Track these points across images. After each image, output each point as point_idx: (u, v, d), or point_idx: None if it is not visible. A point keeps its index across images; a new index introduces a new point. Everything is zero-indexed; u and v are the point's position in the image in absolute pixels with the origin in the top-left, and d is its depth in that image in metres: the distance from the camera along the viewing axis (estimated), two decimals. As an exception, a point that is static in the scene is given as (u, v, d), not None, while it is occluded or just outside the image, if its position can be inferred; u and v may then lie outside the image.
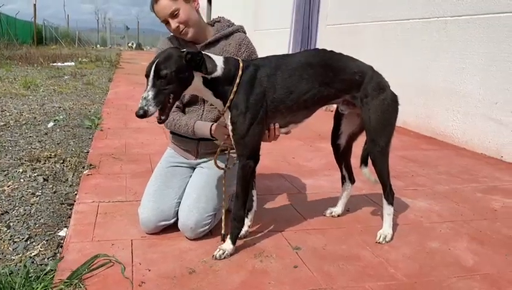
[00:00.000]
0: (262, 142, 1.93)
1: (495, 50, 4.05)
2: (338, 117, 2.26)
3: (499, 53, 4.01)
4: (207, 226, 2.05)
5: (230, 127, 1.85)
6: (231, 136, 1.87)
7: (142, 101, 1.61)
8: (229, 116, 1.84)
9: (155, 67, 1.64)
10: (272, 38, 9.37)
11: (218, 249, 1.90)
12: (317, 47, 7.39)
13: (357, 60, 2.08)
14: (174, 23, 2.04)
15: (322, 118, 2.33)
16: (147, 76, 1.66)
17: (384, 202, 2.18)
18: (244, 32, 2.25)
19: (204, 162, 2.27)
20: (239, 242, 2.01)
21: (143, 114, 1.61)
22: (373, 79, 2.02)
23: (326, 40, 7.16)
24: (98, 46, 33.45)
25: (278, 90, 1.87)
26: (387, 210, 2.18)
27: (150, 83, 1.64)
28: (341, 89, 1.99)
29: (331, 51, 2.06)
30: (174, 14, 2.03)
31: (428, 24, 4.87)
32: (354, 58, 2.09)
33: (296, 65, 1.92)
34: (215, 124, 2.08)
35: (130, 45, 37.48)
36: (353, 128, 2.24)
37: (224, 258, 1.89)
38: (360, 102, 2.02)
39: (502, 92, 3.99)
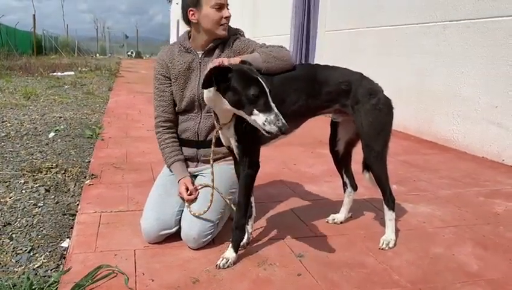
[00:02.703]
0: (255, 153, 1.94)
1: (494, 54, 4.06)
2: (334, 124, 2.28)
3: (498, 57, 4.02)
4: (209, 236, 2.05)
5: (235, 137, 1.86)
6: (236, 146, 1.87)
7: (278, 118, 1.62)
8: (233, 127, 1.85)
9: (266, 85, 1.67)
10: (271, 45, 9.39)
11: (221, 258, 1.90)
12: (315, 54, 7.43)
13: (344, 68, 2.11)
14: (227, 12, 2.11)
15: (323, 124, 2.33)
16: (264, 94, 1.65)
17: (385, 207, 2.17)
18: (242, 35, 2.25)
19: (205, 170, 2.27)
20: (242, 251, 2.02)
21: (286, 128, 1.62)
22: (362, 85, 2.03)
23: (325, 46, 7.19)
24: (98, 55, 33.56)
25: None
26: (389, 216, 2.18)
27: (271, 99, 1.66)
28: (328, 100, 2.03)
29: (316, 65, 2.12)
30: (228, 7, 2.12)
31: (427, 29, 4.89)
32: (340, 67, 2.11)
33: (285, 77, 1.97)
34: (184, 180, 2.17)
35: (129, 53, 37.61)
36: (350, 134, 2.25)
37: (228, 267, 1.88)
38: (352, 109, 2.04)
39: (502, 96, 4.00)
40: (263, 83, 1.67)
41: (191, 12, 2.11)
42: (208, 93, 1.78)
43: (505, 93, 3.97)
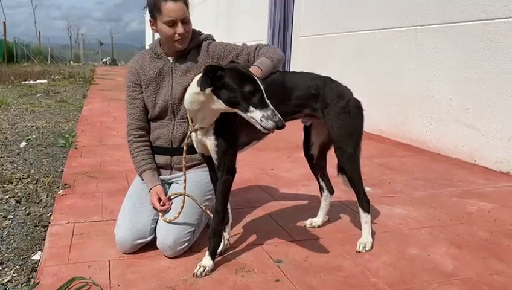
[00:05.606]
0: (233, 158, 1.92)
1: (464, 57, 4.16)
2: (307, 128, 2.29)
3: (468, 60, 4.12)
4: (186, 243, 2.02)
5: (214, 142, 1.84)
6: (215, 152, 1.85)
7: (275, 113, 1.63)
8: (213, 132, 1.84)
9: (260, 82, 1.68)
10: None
11: (198, 267, 1.87)
12: (291, 59, 7.47)
13: (311, 73, 2.13)
14: (181, 28, 2.06)
15: (299, 129, 2.34)
16: (259, 91, 1.65)
17: (360, 210, 2.19)
18: (213, 40, 2.27)
19: (179, 177, 2.24)
20: (219, 258, 1.99)
21: (283, 124, 1.63)
22: (331, 89, 2.05)
23: (300, 51, 7.24)
24: (72, 62, 32.95)
25: None
26: (364, 218, 2.19)
27: (266, 96, 1.66)
28: (298, 104, 2.04)
29: (284, 71, 2.13)
30: (185, 21, 2.07)
31: (399, 33, 4.98)
32: (308, 72, 2.14)
33: None
34: (155, 189, 2.14)
35: (104, 60, 37.07)
36: (322, 138, 2.27)
37: (205, 275, 1.85)
38: (321, 113, 2.05)
39: (473, 98, 4.09)
40: (257, 79, 1.67)
41: (151, 23, 2.14)
42: (196, 96, 1.73)
43: (475, 95, 4.07)
